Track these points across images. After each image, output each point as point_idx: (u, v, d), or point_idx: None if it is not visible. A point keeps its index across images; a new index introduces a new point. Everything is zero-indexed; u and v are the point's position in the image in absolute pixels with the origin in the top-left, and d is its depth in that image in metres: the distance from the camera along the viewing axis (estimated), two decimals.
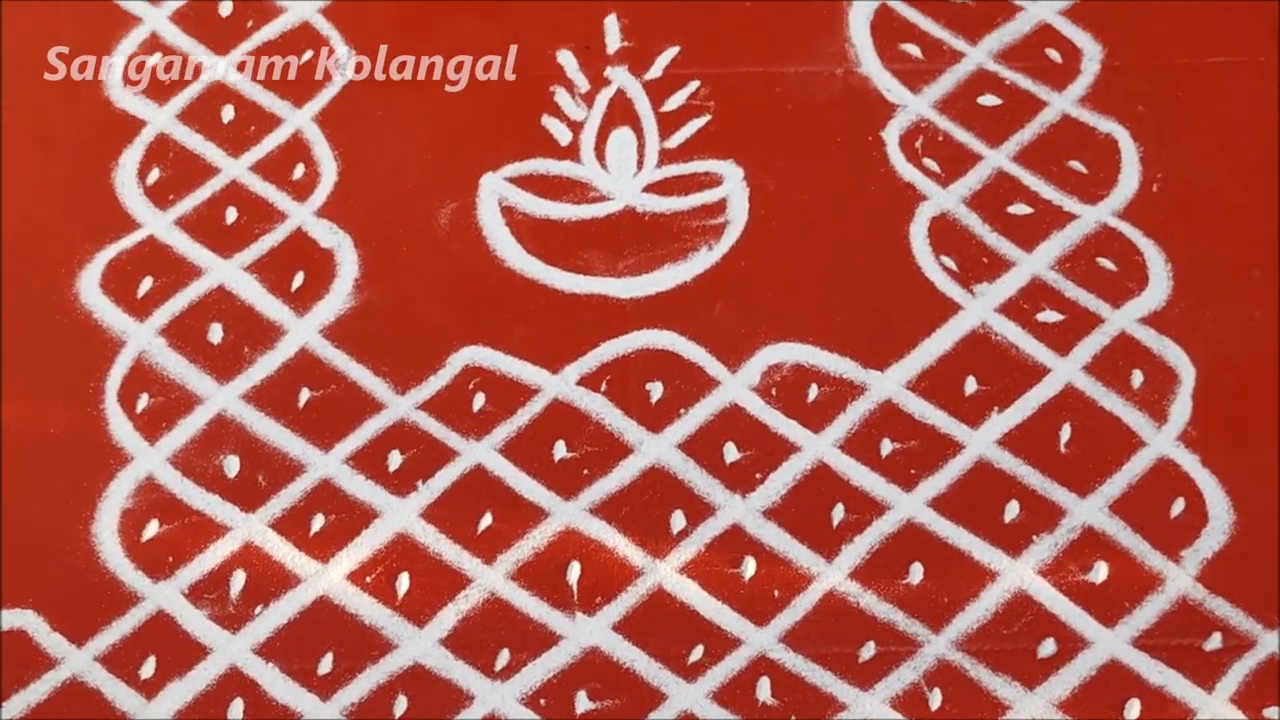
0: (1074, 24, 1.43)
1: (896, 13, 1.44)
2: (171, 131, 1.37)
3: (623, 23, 1.43)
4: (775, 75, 1.41)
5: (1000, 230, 1.32)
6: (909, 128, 1.37)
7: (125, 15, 1.43)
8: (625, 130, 1.38)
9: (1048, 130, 1.37)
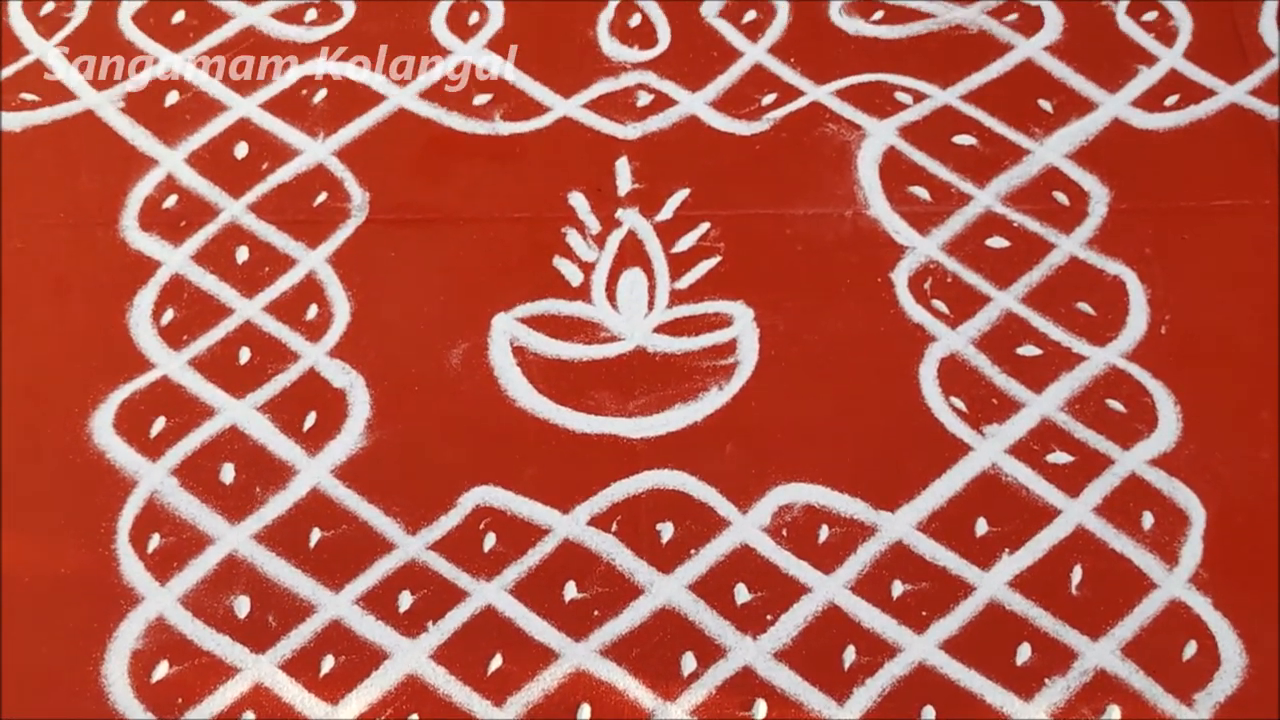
0: (1081, 167, 1.59)
1: (905, 155, 1.60)
2: (186, 273, 1.52)
3: (634, 165, 1.60)
4: (785, 217, 1.57)
5: (1010, 371, 1.45)
6: (918, 269, 1.52)
7: (142, 157, 1.60)
8: (636, 271, 1.53)
9: (1056, 272, 1.52)
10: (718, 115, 1.64)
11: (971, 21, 1.70)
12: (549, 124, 1.63)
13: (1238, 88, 1.64)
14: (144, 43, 1.68)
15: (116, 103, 1.64)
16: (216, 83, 1.65)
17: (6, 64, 1.66)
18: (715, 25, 1.70)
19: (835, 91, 1.65)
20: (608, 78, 1.66)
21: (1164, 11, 1.70)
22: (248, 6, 1.71)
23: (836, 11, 1.71)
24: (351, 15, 1.71)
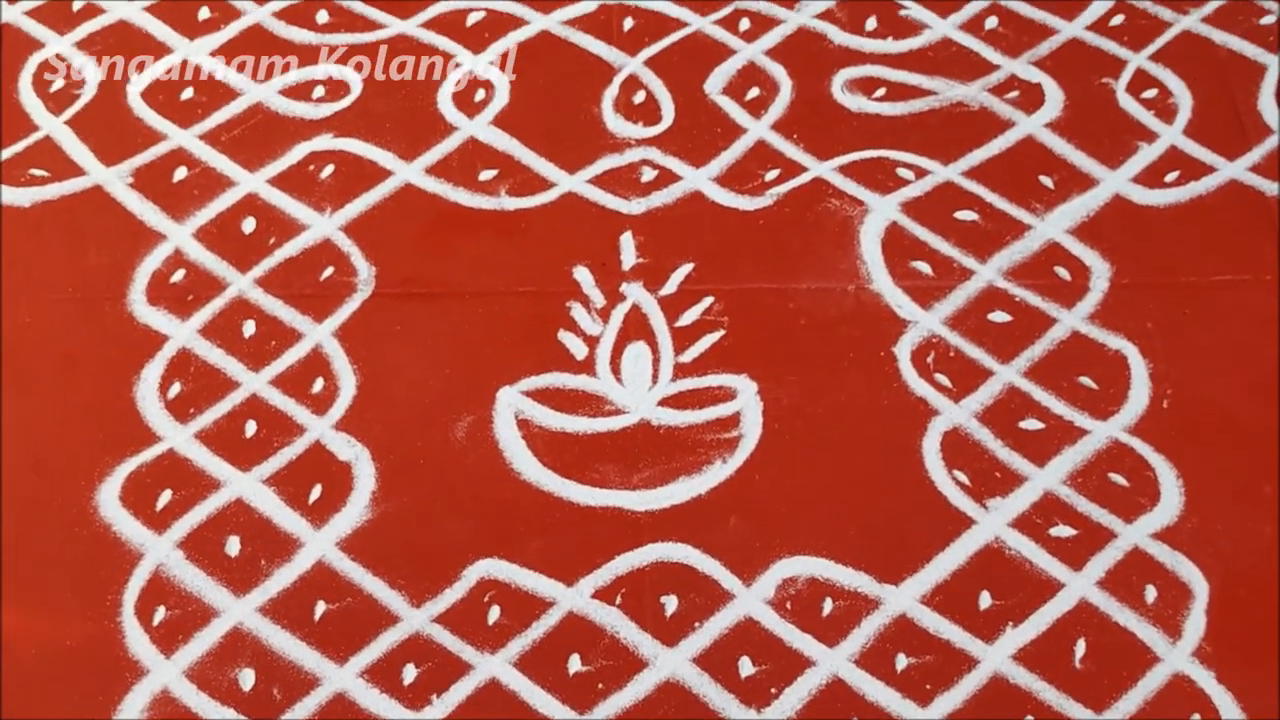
0: (1082, 243, 1.67)
1: (907, 231, 1.68)
2: (193, 346, 1.59)
3: (638, 240, 1.68)
4: (788, 291, 1.64)
5: (1012, 445, 1.52)
6: (920, 343, 1.60)
7: (150, 232, 1.68)
8: (640, 345, 1.60)
9: (1058, 346, 1.59)
10: (721, 191, 1.72)
11: (973, 98, 1.79)
12: (554, 199, 1.71)
13: (1237, 164, 1.72)
14: (153, 119, 1.77)
15: (125, 178, 1.72)
16: (224, 158, 1.73)
17: (17, 140, 1.74)
18: (719, 102, 1.79)
19: (838, 167, 1.73)
20: (612, 154, 1.75)
21: (1163, 89, 1.79)
22: (255, 84, 1.80)
23: (839, 88, 1.80)
24: (359, 92, 1.80)
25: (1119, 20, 1.85)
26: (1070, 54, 1.83)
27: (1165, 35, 1.84)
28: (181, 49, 1.83)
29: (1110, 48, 1.83)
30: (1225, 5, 1.86)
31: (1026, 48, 1.83)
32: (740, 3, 1.88)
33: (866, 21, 1.85)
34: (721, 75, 1.81)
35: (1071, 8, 1.87)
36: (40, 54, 1.83)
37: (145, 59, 1.83)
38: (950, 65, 1.81)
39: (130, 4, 1.87)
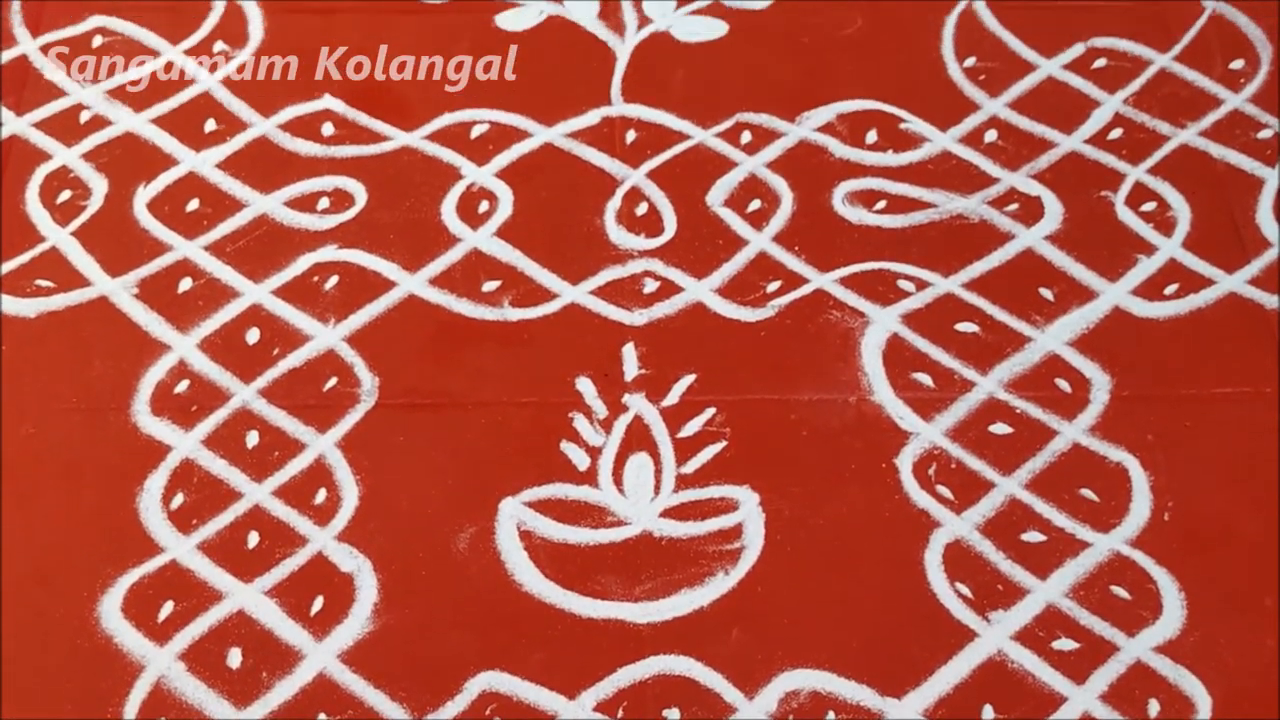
0: (1083, 355, 1.75)
1: (908, 342, 1.77)
2: (196, 457, 1.67)
3: (640, 351, 1.76)
4: (790, 403, 1.73)
5: (1014, 558, 1.60)
6: (922, 455, 1.68)
7: (154, 343, 1.77)
8: (643, 456, 1.68)
9: (1059, 459, 1.67)
10: (723, 302, 1.81)
11: (972, 211, 1.88)
12: (557, 310, 1.80)
13: (1236, 277, 1.81)
14: (159, 230, 1.86)
15: (130, 289, 1.81)
16: (229, 269, 1.83)
17: (23, 251, 1.84)
18: (720, 214, 1.89)
19: (839, 279, 1.82)
20: (615, 265, 1.84)
21: (1162, 202, 1.89)
22: (261, 195, 1.90)
23: (840, 201, 1.90)
24: (364, 203, 1.89)
25: (1117, 134, 1.95)
26: (1069, 167, 1.92)
27: (1163, 149, 1.94)
28: (188, 160, 1.93)
29: (1109, 161, 1.93)
30: (1223, 119, 1.97)
31: (1026, 161, 1.93)
32: (742, 116, 1.98)
33: (867, 135, 1.96)
34: (723, 187, 1.91)
35: (1070, 121, 1.97)
36: (48, 165, 1.92)
37: (152, 170, 1.92)
38: (950, 178, 1.91)
39: (137, 116, 1.97)
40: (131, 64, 2.04)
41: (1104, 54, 2.05)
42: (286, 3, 2.11)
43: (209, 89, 2.01)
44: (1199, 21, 2.07)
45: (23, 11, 2.09)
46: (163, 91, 2.01)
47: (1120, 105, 1.99)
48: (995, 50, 2.05)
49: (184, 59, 2.04)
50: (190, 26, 2.07)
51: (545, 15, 2.10)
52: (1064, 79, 2.02)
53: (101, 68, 2.03)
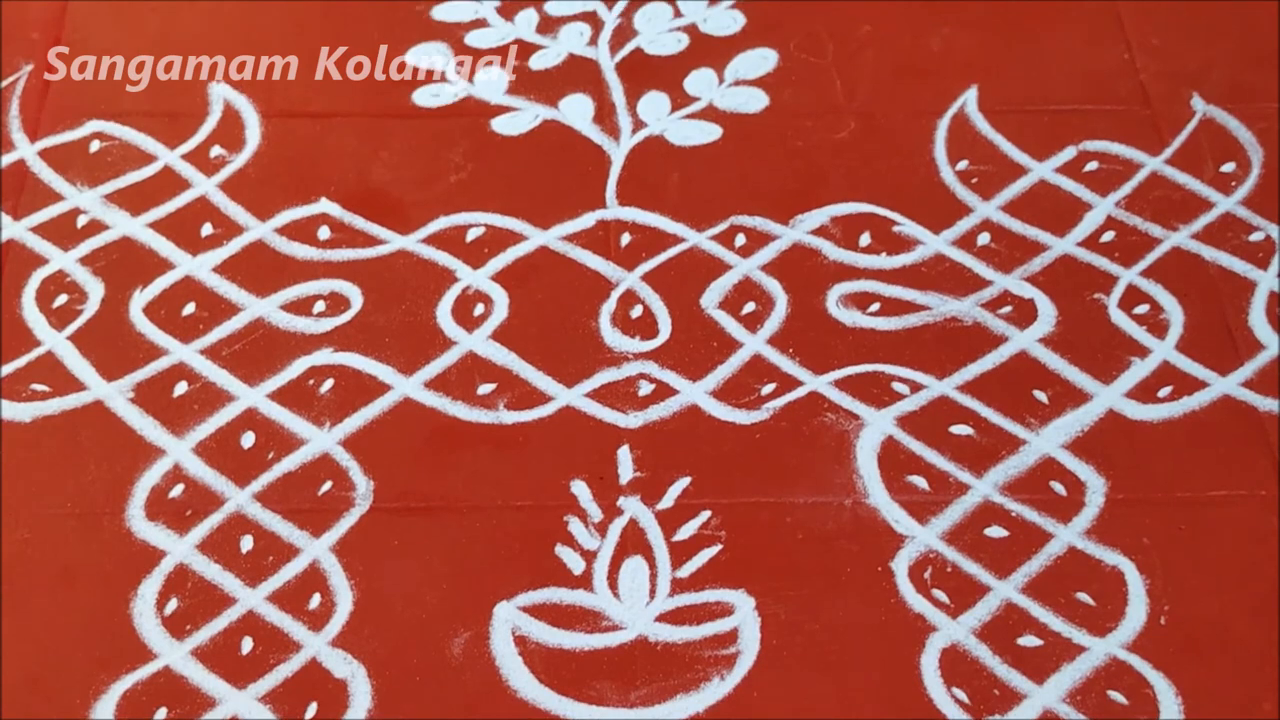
0: (1077, 458, 1.81)
1: (903, 445, 1.83)
2: (191, 562, 1.72)
3: (636, 454, 1.82)
4: (785, 505, 1.78)
5: (1011, 662, 1.64)
6: (918, 558, 1.73)
7: (150, 447, 1.82)
8: (638, 559, 1.73)
9: (1055, 562, 1.72)
10: (718, 404, 1.87)
11: (966, 314, 1.95)
12: (552, 413, 1.86)
13: (1230, 379, 1.88)
14: (154, 334, 1.93)
15: (126, 393, 1.87)
16: (225, 373, 1.89)
17: (19, 355, 1.90)
18: (715, 316, 1.96)
19: (833, 381, 1.89)
20: (610, 368, 1.91)
21: (1155, 304, 1.96)
22: (256, 299, 1.97)
23: (834, 303, 1.97)
24: (359, 306, 1.96)
25: (1110, 236, 2.03)
26: (1062, 270, 2.00)
27: (1156, 251, 2.01)
28: (184, 264, 2.00)
29: (1102, 264, 2.00)
30: (1214, 222, 2.04)
31: (1019, 263, 2.00)
32: (736, 219, 2.06)
33: (860, 237, 2.03)
34: (718, 290, 1.98)
35: (1063, 224, 2.05)
36: (45, 270, 1.99)
37: (148, 274, 1.99)
38: (943, 280, 1.98)
39: (134, 220, 2.05)
40: (129, 168, 2.11)
41: (1095, 157, 2.13)
42: (283, 108, 2.19)
43: (206, 193, 2.08)
44: (1190, 125, 2.16)
45: (21, 116, 2.17)
46: (159, 196, 2.08)
47: (1112, 208, 2.06)
48: (987, 154, 2.13)
49: (181, 163, 2.12)
50: (187, 131, 2.16)
51: (540, 119, 2.18)
52: (1056, 182, 2.10)
53: (99, 172, 2.10)
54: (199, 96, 2.20)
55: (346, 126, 2.17)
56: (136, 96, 2.21)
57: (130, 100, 2.20)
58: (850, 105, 2.21)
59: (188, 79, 2.23)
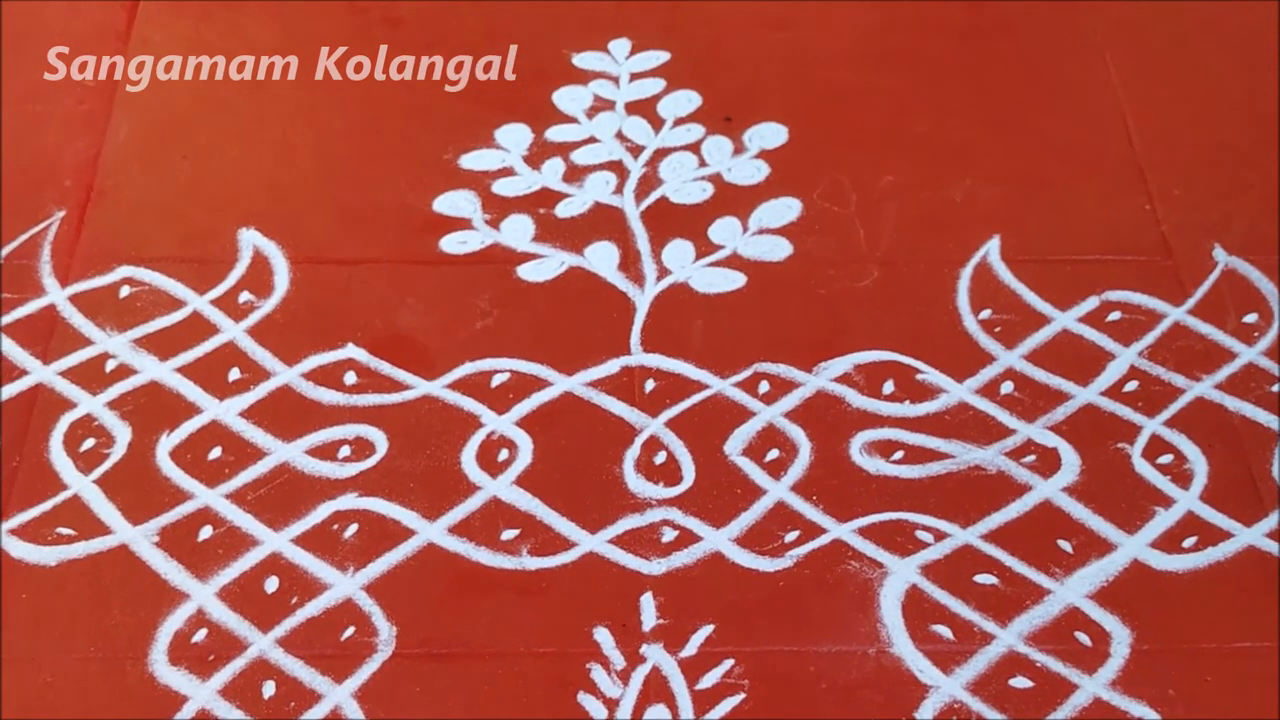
0: (1102, 608, 1.87)
1: (927, 594, 1.89)
2: (213, 707, 1.78)
3: (659, 601, 1.89)
4: (808, 654, 1.84)
5: None
6: (943, 709, 1.78)
7: (174, 591, 1.90)
8: (660, 708, 1.78)
9: (1080, 713, 1.77)
10: (741, 551, 1.94)
11: (990, 462, 2.03)
12: (575, 559, 1.93)
13: (1254, 530, 1.94)
14: (180, 478, 2.01)
15: (151, 537, 1.95)
16: (249, 517, 1.97)
17: (45, 499, 1.99)
18: (738, 463, 2.04)
19: (857, 529, 1.96)
20: (633, 514, 1.98)
21: (1179, 455, 2.03)
22: (282, 443, 2.05)
23: (857, 451, 2.05)
24: (384, 451, 2.05)
25: (1133, 386, 2.11)
26: (1086, 419, 2.07)
27: (1179, 401, 2.09)
28: (211, 409, 2.09)
29: (1125, 413, 2.08)
30: (1237, 373, 2.12)
31: (1042, 412, 2.08)
32: (760, 366, 2.14)
33: (884, 385, 2.12)
34: (741, 437, 2.06)
35: (1086, 374, 2.13)
36: (72, 414, 2.08)
37: (175, 419, 2.08)
38: (967, 429, 2.06)
39: (162, 365, 2.14)
40: (158, 313, 2.21)
41: (1118, 307, 2.22)
42: (311, 254, 2.29)
43: (234, 338, 2.18)
44: (1212, 276, 2.25)
45: (52, 261, 2.29)
46: (188, 340, 2.18)
47: (1135, 358, 2.15)
48: (1010, 303, 2.22)
49: (210, 309, 2.22)
50: (216, 277, 2.26)
51: (566, 266, 2.29)
52: (1079, 331, 2.19)
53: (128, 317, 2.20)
54: (228, 242, 2.31)
55: (374, 272, 2.28)
56: (166, 242, 2.32)
57: (160, 246, 2.32)
58: (873, 254, 2.30)
59: (217, 225, 2.33)
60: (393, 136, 2.47)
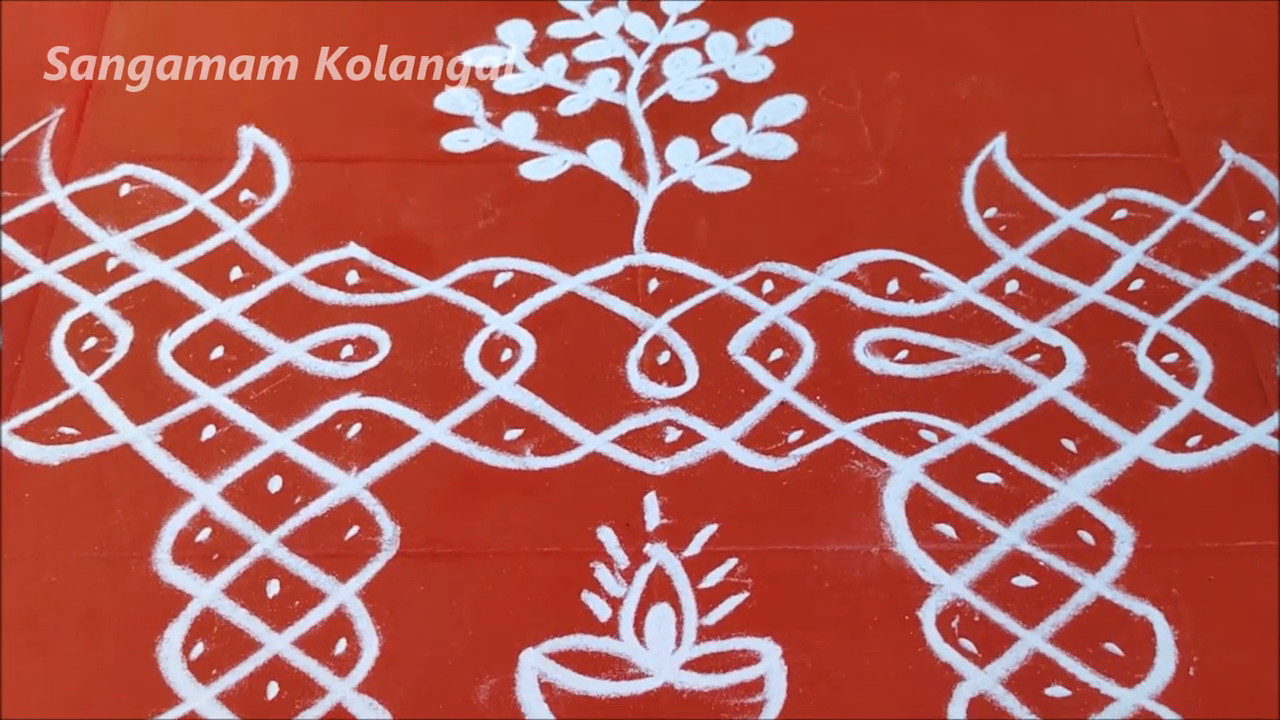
0: (1106, 507, 1.82)
1: (930, 493, 1.84)
2: (217, 606, 1.74)
3: (662, 501, 1.84)
4: (812, 554, 1.79)
5: (1039, 713, 1.64)
6: (945, 608, 1.74)
7: (177, 491, 1.85)
8: (664, 607, 1.74)
9: (1083, 612, 1.72)
10: (745, 451, 1.89)
11: (994, 361, 1.97)
12: (579, 459, 1.88)
13: (1259, 429, 1.88)
14: (182, 378, 1.95)
15: (154, 436, 1.90)
16: (252, 417, 1.91)
17: (48, 399, 1.93)
18: (742, 363, 1.98)
19: (861, 429, 1.90)
20: (637, 414, 1.92)
21: (1184, 353, 1.97)
22: (284, 343, 1.99)
23: (861, 350, 1.98)
24: (387, 351, 1.98)
25: (1138, 285, 2.04)
26: (1091, 318, 2.01)
27: (1184, 300, 2.02)
28: (213, 308, 2.03)
29: (1130, 312, 2.01)
30: (1244, 271, 2.05)
31: (1047, 311, 2.02)
32: (764, 265, 2.08)
33: (888, 285, 2.05)
34: (745, 336, 2.00)
35: (1091, 272, 2.06)
36: (74, 313, 2.02)
37: (177, 318, 2.02)
38: (972, 328, 2.00)
39: (163, 264, 2.08)
40: (158, 212, 2.14)
41: (1124, 205, 2.15)
42: (312, 153, 2.22)
43: (235, 237, 2.11)
44: (1219, 174, 2.17)
45: (52, 159, 2.21)
46: (189, 239, 2.11)
47: (1141, 256, 2.08)
48: (1016, 201, 2.15)
49: (211, 207, 2.15)
50: (217, 175, 2.19)
51: (569, 165, 2.21)
52: (1084, 230, 2.12)
53: (129, 215, 2.13)
54: (229, 140, 2.24)
55: (375, 171, 2.20)
56: (167, 140, 2.25)
57: (160, 144, 2.24)
58: (878, 152, 2.23)
59: (217, 123, 2.26)
60: (394, 33, 2.37)
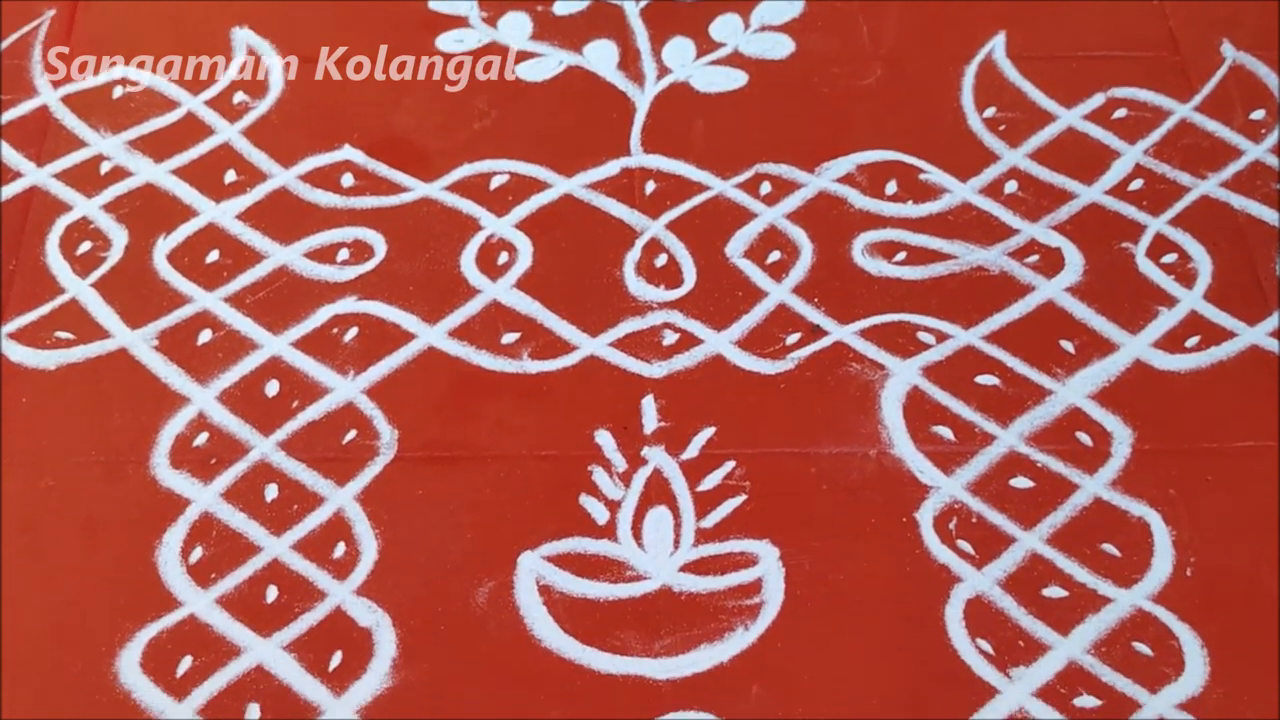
0: (1103, 408, 1.78)
1: (928, 395, 1.80)
2: (215, 510, 1.70)
3: (660, 404, 1.80)
4: (810, 456, 1.75)
5: (1036, 613, 1.62)
6: (942, 509, 1.70)
7: (174, 395, 1.80)
8: (662, 509, 1.71)
9: (1080, 513, 1.69)
10: (742, 354, 1.84)
11: (993, 263, 1.92)
12: (576, 362, 1.84)
13: (1258, 329, 1.84)
14: (178, 282, 1.91)
15: (150, 341, 1.85)
16: (249, 321, 1.87)
17: (43, 303, 1.88)
18: (740, 265, 1.93)
19: (858, 331, 1.85)
20: (634, 317, 1.88)
21: (1183, 254, 1.92)
22: (280, 246, 1.94)
23: (859, 252, 1.93)
24: (383, 255, 1.93)
25: (1138, 185, 1.99)
26: (1090, 218, 1.96)
27: (1184, 200, 1.97)
28: (208, 212, 1.97)
29: (1129, 212, 1.96)
30: (1244, 170, 2.00)
31: (1046, 212, 1.96)
32: (761, 167, 2.02)
33: (886, 186, 1.99)
34: (743, 239, 1.95)
35: (1091, 172, 2.01)
36: (68, 216, 1.97)
37: (172, 221, 1.96)
38: (970, 229, 1.95)
39: (157, 167, 2.02)
40: (152, 115, 2.08)
41: (1124, 104, 2.09)
42: (307, 54, 2.15)
43: (229, 140, 2.05)
44: (1219, 72, 2.11)
45: (44, 61, 2.14)
46: (183, 142, 2.06)
47: (1141, 156, 2.02)
48: (1015, 101, 2.09)
49: (204, 110, 2.09)
50: (210, 78, 2.12)
51: (565, 66, 2.15)
52: (1084, 129, 2.06)
53: (122, 118, 2.07)
54: (221, 42, 2.17)
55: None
56: (159, 42, 2.18)
57: (153, 46, 2.17)
58: (877, 51, 2.16)
59: (210, 25, 2.19)
60: None
